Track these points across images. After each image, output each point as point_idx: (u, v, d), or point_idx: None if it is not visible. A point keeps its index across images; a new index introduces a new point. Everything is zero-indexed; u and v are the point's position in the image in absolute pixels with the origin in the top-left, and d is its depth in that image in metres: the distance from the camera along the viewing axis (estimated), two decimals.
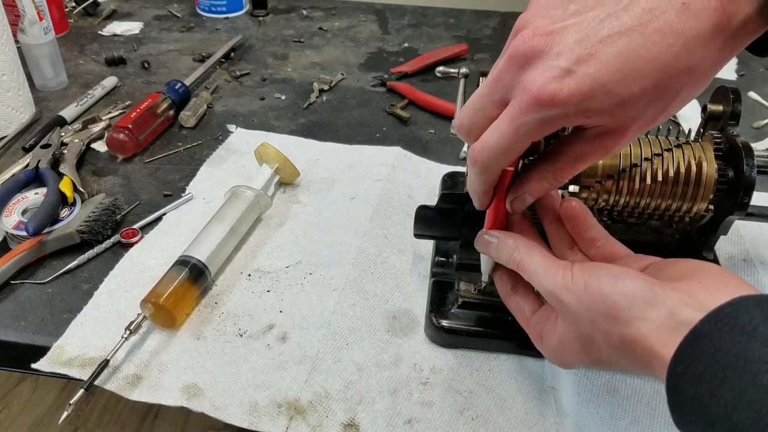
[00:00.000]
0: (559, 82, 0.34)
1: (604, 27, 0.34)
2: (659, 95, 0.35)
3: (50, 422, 1.48)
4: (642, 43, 0.33)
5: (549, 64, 0.35)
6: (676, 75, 0.34)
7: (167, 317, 0.56)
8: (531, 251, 0.43)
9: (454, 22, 1.22)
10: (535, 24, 0.36)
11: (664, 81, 0.34)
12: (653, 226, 0.60)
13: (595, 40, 0.34)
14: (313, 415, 0.50)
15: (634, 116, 0.36)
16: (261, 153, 0.73)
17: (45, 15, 0.90)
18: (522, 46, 0.36)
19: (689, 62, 0.34)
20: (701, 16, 0.33)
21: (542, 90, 0.34)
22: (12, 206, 0.66)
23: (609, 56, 0.34)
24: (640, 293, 0.36)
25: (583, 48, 0.34)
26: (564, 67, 0.34)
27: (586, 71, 0.34)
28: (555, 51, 0.35)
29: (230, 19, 1.22)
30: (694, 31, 0.33)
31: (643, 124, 0.37)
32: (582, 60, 0.34)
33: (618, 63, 0.34)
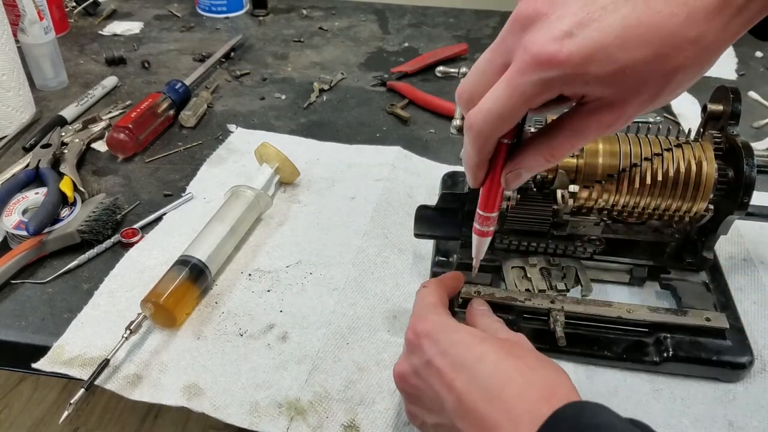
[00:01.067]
0: (560, 42, 0.34)
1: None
2: (660, 66, 0.35)
3: (51, 422, 1.48)
4: (645, 11, 0.33)
5: (551, 26, 0.35)
6: (679, 45, 0.34)
7: (167, 317, 0.56)
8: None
9: (454, 21, 1.22)
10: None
11: (666, 50, 0.34)
12: (653, 226, 0.60)
13: (598, 6, 0.34)
14: (313, 416, 0.50)
15: (634, 88, 0.35)
16: (261, 153, 0.74)
17: (45, 15, 0.90)
18: (525, 8, 0.36)
19: (692, 33, 0.34)
20: None
21: (542, 50, 0.34)
22: (12, 206, 0.66)
23: (611, 21, 0.34)
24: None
25: (586, 12, 0.34)
26: (565, 29, 0.34)
27: (588, 34, 0.34)
28: (558, 14, 0.35)
29: (230, 19, 1.22)
30: (698, 1, 0.33)
31: (643, 102, 0.36)
32: (584, 23, 0.34)
33: (620, 28, 0.34)
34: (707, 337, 0.54)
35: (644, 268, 0.60)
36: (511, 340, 0.44)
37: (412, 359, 0.45)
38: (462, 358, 0.41)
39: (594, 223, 0.57)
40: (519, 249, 0.60)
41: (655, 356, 0.53)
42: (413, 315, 0.48)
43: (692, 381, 0.54)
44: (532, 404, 0.37)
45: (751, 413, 0.51)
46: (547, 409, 0.36)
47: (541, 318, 0.55)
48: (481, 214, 0.45)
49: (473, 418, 0.39)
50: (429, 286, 0.51)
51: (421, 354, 0.44)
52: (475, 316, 0.50)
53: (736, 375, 0.53)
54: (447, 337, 0.43)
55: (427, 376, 0.43)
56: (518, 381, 0.38)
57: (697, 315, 0.54)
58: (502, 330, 0.47)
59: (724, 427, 0.50)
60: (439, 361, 0.42)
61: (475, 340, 0.42)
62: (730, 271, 0.63)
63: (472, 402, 0.39)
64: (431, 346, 0.43)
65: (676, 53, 0.34)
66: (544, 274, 0.59)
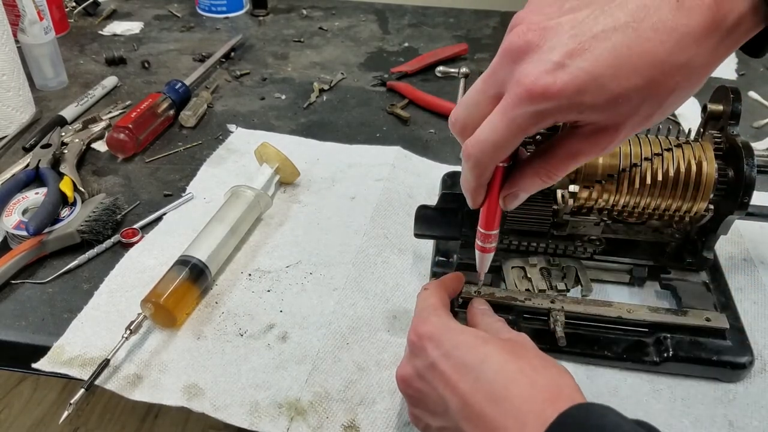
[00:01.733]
0: (552, 75, 0.34)
1: (598, 23, 0.34)
2: (652, 92, 0.35)
3: (51, 422, 1.48)
4: (635, 39, 0.33)
5: (542, 57, 0.35)
6: (669, 72, 0.34)
7: (168, 317, 0.56)
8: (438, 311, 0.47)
9: (454, 21, 1.22)
10: (529, 20, 0.36)
11: (657, 77, 0.34)
12: (653, 226, 0.60)
13: (588, 35, 0.34)
14: (313, 416, 0.50)
15: (628, 113, 0.36)
16: (261, 153, 0.73)
17: (45, 15, 0.90)
18: (516, 40, 0.36)
19: (682, 59, 0.34)
20: (694, 13, 0.33)
21: (535, 83, 0.34)
22: (12, 206, 0.66)
23: (602, 51, 0.34)
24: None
25: (577, 42, 0.34)
26: (557, 60, 0.34)
27: (579, 65, 0.34)
28: (549, 45, 0.35)
29: (230, 19, 1.22)
30: (687, 27, 0.33)
31: (638, 123, 0.36)
32: (575, 54, 0.34)
33: (611, 58, 0.34)
34: (707, 337, 0.54)
35: (644, 268, 0.60)
36: (514, 340, 0.44)
37: (414, 362, 0.45)
38: (466, 359, 0.41)
39: (594, 223, 0.57)
40: (519, 249, 0.60)
41: (655, 356, 0.53)
42: (415, 317, 0.48)
43: (692, 381, 0.54)
44: (538, 405, 0.37)
45: (751, 413, 0.51)
46: (552, 411, 0.36)
47: (541, 318, 0.55)
48: (482, 232, 0.46)
49: (478, 420, 0.38)
50: (430, 288, 0.51)
51: (424, 356, 0.43)
52: (477, 316, 0.50)
53: (736, 375, 0.53)
54: (450, 339, 0.43)
55: (431, 379, 0.42)
56: (523, 382, 0.38)
57: (697, 315, 0.54)
58: (504, 330, 0.47)
59: (724, 427, 0.50)
60: (443, 364, 0.42)
61: (478, 342, 0.42)
62: (730, 271, 0.63)
63: (477, 404, 0.39)
64: (434, 349, 0.43)
65: (667, 79, 0.34)
66: (544, 274, 0.59)
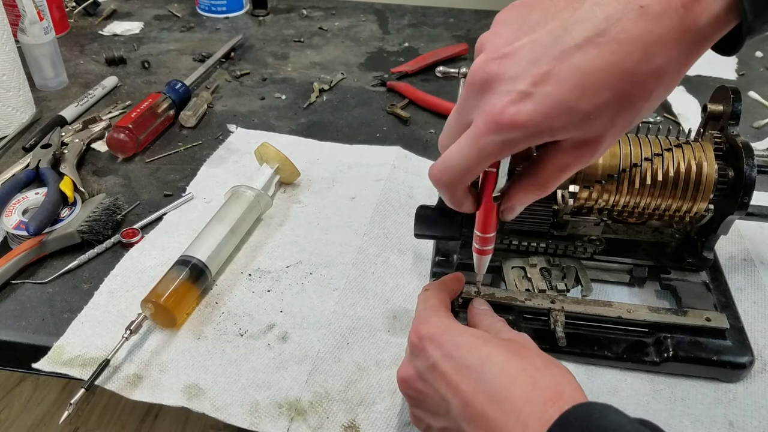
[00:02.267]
0: (517, 105, 0.34)
1: (558, 43, 0.33)
2: (625, 103, 0.34)
3: (51, 422, 1.48)
4: (599, 54, 0.33)
5: (506, 88, 0.34)
6: (640, 81, 0.33)
7: (168, 317, 0.56)
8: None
9: (454, 21, 1.22)
10: (490, 46, 0.36)
11: (628, 89, 0.33)
12: (653, 226, 0.60)
13: (549, 58, 0.33)
14: (313, 417, 0.50)
15: (605, 126, 0.35)
16: (261, 153, 0.73)
17: (45, 15, 0.90)
18: (478, 73, 0.36)
19: (652, 66, 0.33)
20: (662, 19, 0.32)
21: (501, 114, 0.34)
22: (12, 206, 0.66)
23: (566, 73, 0.33)
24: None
25: (539, 68, 0.34)
26: (521, 89, 0.34)
27: (544, 91, 0.33)
28: (511, 74, 0.34)
29: (230, 19, 1.22)
30: (653, 35, 0.32)
31: (618, 131, 0.36)
32: (538, 81, 0.34)
33: (576, 78, 0.33)
34: (707, 337, 0.54)
35: (644, 268, 0.60)
36: (515, 340, 0.44)
37: (416, 363, 0.44)
38: (467, 360, 0.41)
39: (594, 223, 0.57)
40: (519, 249, 0.60)
41: (655, 356, 0.53)
42: (416, 318, 0.47)
43: (692, 381, 0.54)
44: (540, 406, 0.37)
45: (751, 413, 0.51)
46: (554, 411, 0.36)
47: (541, 318, 0.55)
48: (479, 235, 0.47)
49: (480, 420, 0.38)
50: (431, 289, 0.51)
51: (425, 357, 0.43)
52: (477, 316, 0.50)
53: (737, 375, 0.53)
54: (451, 340, 0.43)
55: (432, 380, 0.42)
56: (524, 382, 0.38)
57: (697, 315, 0.54)
58: (505, 330, 0.47)
59: (725, 427, 0.50)
60: (444, 364, 0.42)
61: (479, 342, 0.42)
62: (730, 271, 0.63)
63: (478, 404, 0.39)
64: (435, 350, 0.43)
65: (638, 88, 0.34)
66: (544, 274, 0.59)
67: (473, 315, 0.51)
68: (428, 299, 0.49)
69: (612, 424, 0.34)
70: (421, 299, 0.50)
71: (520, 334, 0.46)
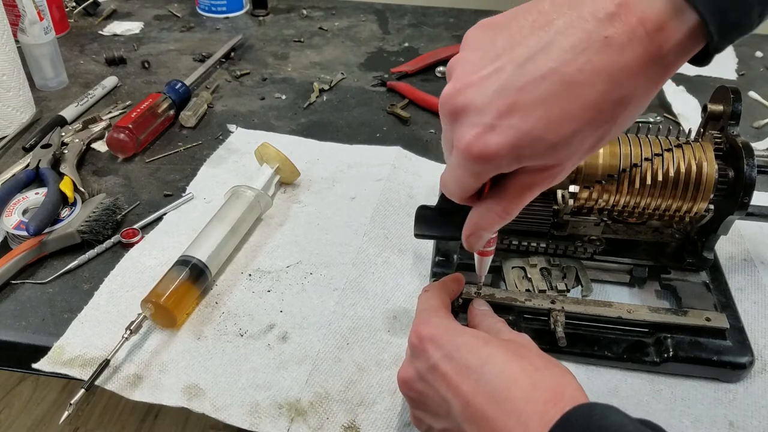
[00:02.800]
0: (483, 138, 0.34)
1: (523, 73, 0.33)
2: (592, 131, 0.34)
3: (51, 422, 1.48)
4: (564, 86, 0.33)
5: (473, 120, 0.35)
6: (607, 109, 0.33)
7: (168, 317, 0.56)
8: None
9: (454, 21, 1.22)
10: (457, 73, 0.37)
11: (595, 117, 0.33)
12: (653, 226, 0.60)
13: (514, 89, 0.33)
14: (313, 417, 0.50)
15: (572, 151, 0.35)
16: (261, 153, 0.73)
17: (45, 15, 0.90)
18: (446, 105, 0.37)
19: (618, 95, 0.33)
20: (627, 49, 0.32)
21: (470, 147, 0.35)
22: (12, 206, 0.66)
23: (531, 104, 0.33)
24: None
25: (503, 99, 0.34)
26: (487, 122, 0.34)
27: (510, 123, 0.34)
28: (477, 106, 0.35)
29: (230, 19, 1.22)
30: (618, 65, 0.32)
31: (584, 155, 0.36)
32: (503, 113, 0.34)
33: (541, 110, 0.33)
34: (707, 337, 0.54)
35: (644, 268, 0.60)
36: (515, 340, 0.44)
37: (416, 364, 0.44)
38: (467, 361, 0.41)
39: (594, 224, 0.57)
40: (519, 249, 0.60)
41: (655, 356, 0.53)
42: (416, 319, 0.47)
43: (692, 381, 0.54)
44: (541, 406, 0.37)
45: (751, 413, 0.51)
46: (555, 411, 0.36)
47: (541, 318, 0.55)
48: None
49: (481, 421, 0.38)
50: (431, 290, 0.51)
51: (425, 358, 0.43)
52: (477, 317, 0.50)
53: (737, 375, 0.53)
54: (451, 341, 0.43)
55: (433, 381, 0.42)
56: (525, 383, 0.38)
57: (697, 315, 0.54)
58: (505, 330, 0.47)
59: (725, 428, 0.50)
60: (445, 365, 0.42)
61: (479, 342, 0.42)
62: (730, 271, 0.63)
63: (479, 405, 0.39)
64: (435, 350, 0.43)
65: (605, 116, 0.34)
66: (544, 274, 0.59)
67: (473, 316, 0.51)
68: (428, 300, 0.49)
69: (613, 424, 0.34)
70: (422, 300, 0.50)
71: (521, 335, 0.46)
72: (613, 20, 0.32)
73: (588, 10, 0.32)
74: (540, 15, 0.34)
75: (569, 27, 0.33)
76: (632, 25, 0.31)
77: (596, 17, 0.32)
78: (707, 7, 0.31)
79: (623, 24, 0.31)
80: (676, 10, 0.31)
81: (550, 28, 0.33)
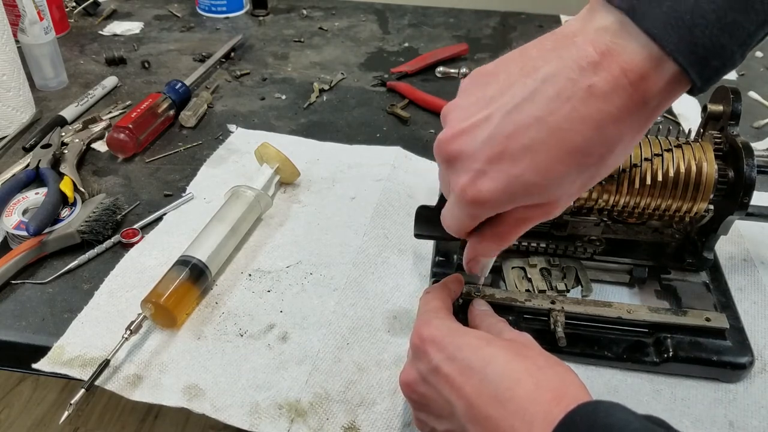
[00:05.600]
0: (476, 184, 0.36)
1: (510, 121, 0.34)
2: (580, 173, 0.35)
3: (51, 422, 1.48)
4: (550, 133, 0.33)
5: (465, 167, 0.36)
6: (594, 153, 0.34)
7: (168, 317, 0.56)
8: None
9: (454, 21, 1.22)
10: (451, 120, 0.38)
11: (582, 161, 0.34)
12: (653, 226, 0.60)
13: (503, 137, 0.35)
14: (313, 418, 0.50)
15: (563, 191, 0.37)
16: (261, 153, 0.73)
17: (45, 15, 0.90)
18: (441, 153, 0.38)
19: (604, 140, 0.34)
20: (610, 98, 0.32)
21: (464, 193, 0.37)
22: (12, 206, 0.66)
23: (518, 151, 0.34)
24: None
25: (491, 147, 0.35)
26: (479, 168, 0.36)
27: (500, 169, 0.35)
28: (468, 152, 0.36)
29: (230, 19, 1.22)
30: (603, 113, 0.33)
31: (576, 193, 0.38)
32: (493, 160, 0.35)
33: (528, 157, 0.34)
34: (707, 338, 0.54)
35: (644, 268, 0.60)
36: (517, 340, 0.44)
37: (418, 366, 0.44)
38: (470, 362, 0.41)
39: (594, 224, 0.57)
40: (519, 249, 0.60)
41: (655, 356, 0.53)
42: (417, 320, 0.47)
43: (692, 381, 0.54)
44: (544, 405, 0.36)
45: (751, 413, 0.51)
46: (559, 410, 0.35)
47: (541, 318, 0.55)
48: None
49: (485, 422, 0.38)
50: (432, 291, 0.51)
51: (427, 360, 0.43)
52: (478, 317, 0.50)
53: (737, 375, 0.53)
54: (453, 342, 0.43)
55: (435, 383, 0.42)
56: (528, 382, 0.38)
57: (697, 315, 0.54)
58: (507, 330, 0.47)
59: (725, 428, 0.50)
60: (447, 367, 0.42)
61: (481, 343, 0.42)
62: (730, 271, 0.63)
63: (482, 406, 0.39)
64: (437, 352, 0.43)
65: (592, 159, 0.35)
66: (544, 274, 0.59)
67: (474, 316, 0.51)
68: (429, 301, 0.49)
69: (619, 421, 0.34)
70: (423, 302, 0.50)
71: (522, 334, 0.45)
72: (596, 69, 0.32)
73: (572, 58, 0.33)
74: (527, 62, 0.35)
75: (554, 75, 0.33)
76: (615, 74, 0.32)
77: (580, 65, 0.33)
78: (687, 58, 0.31)
79: (607, 73, 0.32)
80: (658, 60, 0.32)
81: (536, 76, 0.34)
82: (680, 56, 0.31)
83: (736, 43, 0.33)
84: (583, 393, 0.38)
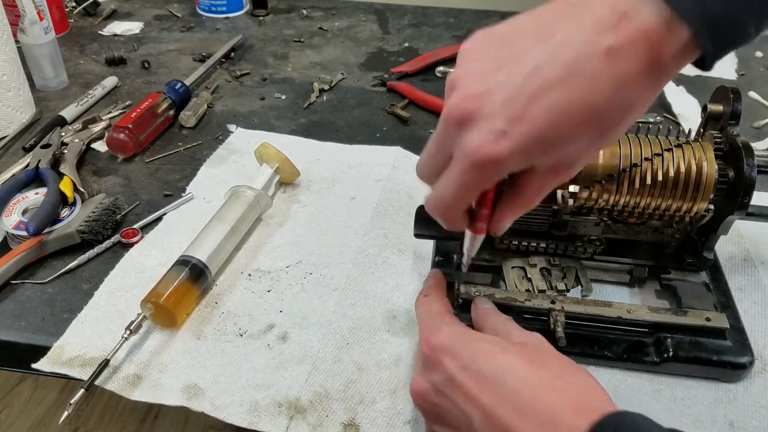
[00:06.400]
0: (496, 144, 0.35)
1: (531, 83, 0.35)
2: (598, 134, 0.36)
3: (51, 422, 1.48)
4: (572, 93, 0.34)
5: (483, 126, 0.36)
6: (612, 114, 0.35)
7: (168, 317, 0.56)
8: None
9: (454, 21, 1.22)
10: (463, 85, 0.37)
11: (600, 122, 0.35)
12: (653, 226, 0.60)
13: (524, 98, 0.35)
14: (313, 415, 0.50)
15: (578, 153, 0.37)
16: (261, 153, 0.73)
17: (45, 15, 0.90)
18: (454, 110, 0.37)
19: (624, 101, 0.34)
20: (629, 58, 0.33)
21: (480, 152, 0.36)
22: (12, 206, 0.66)
23: (540, 112, 0.34)
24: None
25: (513, 108, 0.35)
26: (499, 128, 0.35)
27: (521, 130, 0.35)
28: (486, 112, 0.36)
29: (230, 19, 1.22)
30: (622, 73, 0.33)
31: (591, 154, 0.38)
32: (514, 120, 0.35)
33: (551, 117, 0.34)
34: (707, 337, 0.54)
35: (644, 268, 0.60)
36: (530, 343, 0.43)
37: (431, 376, 0.43)
38: (486, 371, 0.40)
39: (594, 223, 0.57)
40: (519, 249, 0.60)
41: (655, 356, 0.53)
42: (424, 328, 0.46)
43: (693, 381, 0.54)
44: (567, 416, 0.36)
45: (751, 413, 0.51)
46: (582, 421, 0.35)
47: (541, 318, 0.55)
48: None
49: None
50: (431, 294, 0.50)
51: (440, 370, 0.42)
52: (482, 316, 0.49)
53: (737, 375, 0.53)
54: (465, 349, 0.42)
55: (450, 393, 0.41)
56: (549, 392, 0.37)
57: (697, 315, 0.54)
58: (515, 329, 0.46)
59: (725, 428, 0.50)
60: (462, 377, 0.41)
61: (496, 350, 0.41)
62: (730, 271, 0.63)
63: (502, 417, 0.38)
64: (451, 361, 0.42)
65: (610, 121, 0.35)
66: (544, 274, 0.59)
67: (478, 315, 0.50)
68: (432, 305, 0.48)
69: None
70: (425, 306, 0.49)
71: (533, 334, 0.45)
72: (615, 30, 0.33)
73: (590, 21, 0.34)
74: (541, 27, 0.36)
75: (572, 38, 0.34)
76: (633, 36, 0.33)
77: (598, 28, 0.33)
78: (699, 24, 0.32)
79: (625, 34, 0.33)
80: (672, 24, 0.33)
81: (554, 40, 0.35)
82: (692, 21, 0.32)
83: (749, 15, 0.33)
84: (606, 402, 0.38)
